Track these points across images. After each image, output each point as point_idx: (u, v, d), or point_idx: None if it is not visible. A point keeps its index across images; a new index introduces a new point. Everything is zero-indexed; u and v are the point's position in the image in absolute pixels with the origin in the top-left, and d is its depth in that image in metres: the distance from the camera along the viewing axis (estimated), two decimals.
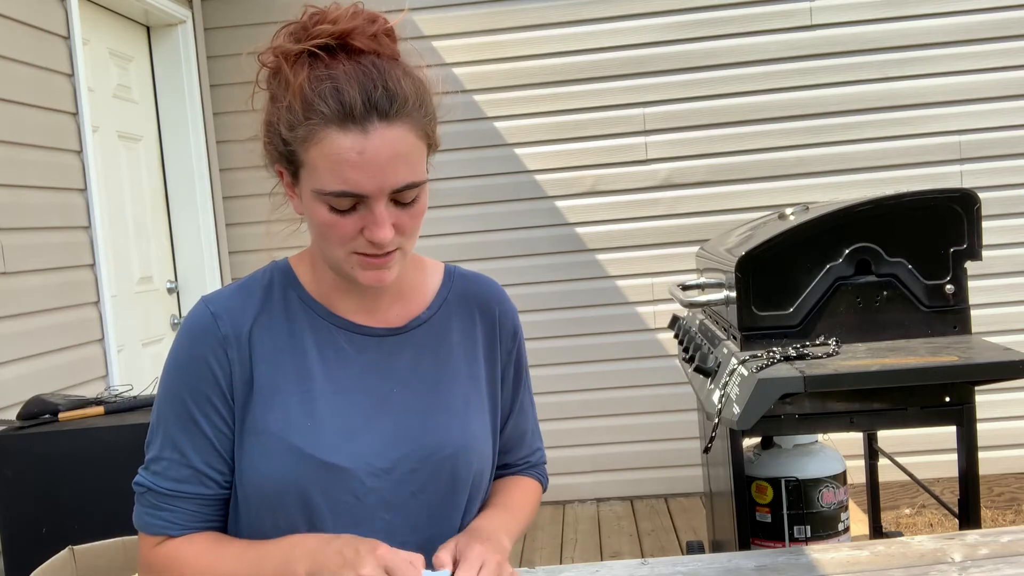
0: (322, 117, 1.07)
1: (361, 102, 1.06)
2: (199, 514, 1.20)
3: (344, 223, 1.10)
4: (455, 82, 4.22)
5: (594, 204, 4.26)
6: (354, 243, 1.12)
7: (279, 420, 1.17)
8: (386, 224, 1.10)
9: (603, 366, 4.30)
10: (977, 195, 2.03)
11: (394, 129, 1.08)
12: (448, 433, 1.23)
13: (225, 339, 1.18)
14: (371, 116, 1.07)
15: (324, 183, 1.08)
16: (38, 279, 2.87)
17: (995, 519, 4.02)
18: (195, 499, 1.19)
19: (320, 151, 1.07)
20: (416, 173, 1.11)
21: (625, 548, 3.78)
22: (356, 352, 1.22)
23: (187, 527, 1.20)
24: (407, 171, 1.09)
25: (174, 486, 1.19)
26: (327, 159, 1.07)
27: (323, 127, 1.07)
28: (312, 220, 1.13)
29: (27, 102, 2.88)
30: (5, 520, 2.35)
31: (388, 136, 1.07)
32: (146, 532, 1.21)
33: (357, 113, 1.06)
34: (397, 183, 1.09)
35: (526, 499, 1.39)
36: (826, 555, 1.43)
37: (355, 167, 1.07)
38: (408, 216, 1.13)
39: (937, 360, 1.79)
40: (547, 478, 1.48)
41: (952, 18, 4.08)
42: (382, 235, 1.10)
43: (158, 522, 1.19)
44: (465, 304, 1.31)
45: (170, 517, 1.19)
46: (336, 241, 1.12)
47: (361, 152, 1.06)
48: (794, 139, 4.17)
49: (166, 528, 1.19)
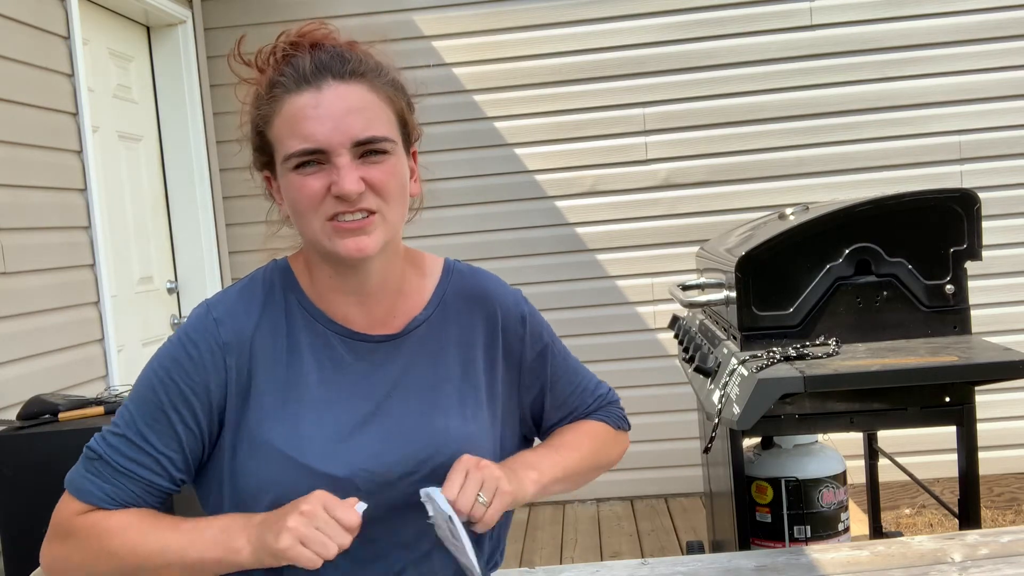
0: (282, 88, 1.13)
1: (314, 64, 1.12)
2: (141, 500, 1.17)
3: (311, 183, 1.12)
4: (455, 82, 4.22)
5: (594, 204, 4.26)
6: (324, 206, 1.12)
7: (274, 429, 1.17)
8: (350, 175, 1.11)
9: (603, 366, 4.27)
10: (977, 195, 2.03)
11: (348, 85, 1.12)
12: (445, 437, 1.22)
13: (226, 346, 1.17)
14: (324, 75, 1.12)
15: (288, 147, 1.12)
16: (38, 279, 2.87)
17: (995, 519, 4.02)
18: (143, 483, 1.17)
19: (282, 119, 1.12)
20: (377, 128, 1.13)
21: (625, 548, 3.78)
22: (352, 358, 1.22)
23: (123, 505, 1.17)
24: (365, 124, 1.12)
25: (128, 465, 1.16)
26: (287, 122, 1.12)
27: (283, 96, 1.12)
28: (288, 201, 1.16)
29: (27, 102, 2.88)
30: (5, 520, 2.35)
31: (341, 91, 1.12)
32: (79, 497, 1.17)
33: (309, 73, 1.12)
34: (356, 134, 1.11)
35: (581, 437, 1.37)
36: (826, 555, 1.43)
37: (311, 120, 1.10)
38: (379, 172, 1.13)
39: (937, 360, 1.79)
40: (623, 418, 1.46)
41: (952, 18, 4.08)
42: (346, 186, 1.10)
43: (97, 491, 1.16)
44: (462, 302, 1.30)
45: (111, 492, 1.16)
46: (308, 206, 1.13)
47: (316, 106, 1.10)
48: (794, 139, 4.17)
49: (102, 501, 1.16)
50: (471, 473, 1.13)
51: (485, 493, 1.12)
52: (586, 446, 1.36)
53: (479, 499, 1.11)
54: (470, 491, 1.11)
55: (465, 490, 1.11)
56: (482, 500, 1.12)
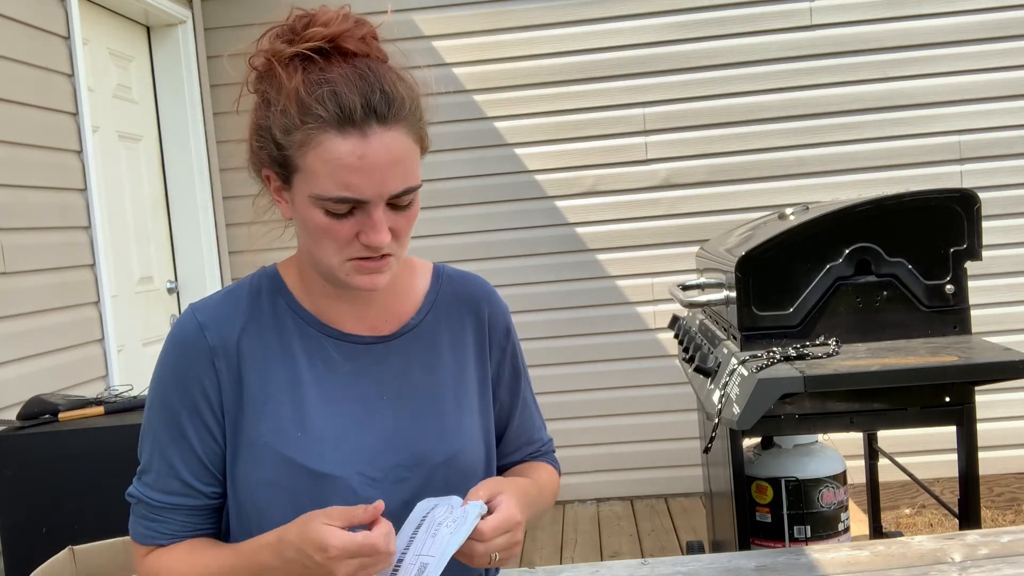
0: (320, 121, 1.06)
1: (360, 106, 1.06)
2: (188, 524, 1.20)
3: (340, 228, 1.10)
4: (455, 82, 4.22)
5: (594, 204, 4.26)
6: (350, 248, 1.11)
7: (269, 430, 1.16)
8: (383, 228, 1.09)
9: (603, 366, 4.30)
10: (977, 195, 2.03)
11: (391, 133, 1.07)
12: (440, 439, 1.22)
13: (212, 350, 1.17)
14: (370, 120, 1.06)
15: (323, 188, 1.07)
16: (38, 279, 2.87)
17: (995, 519, 4.02)
18: (182, 510, 1.19)
19: (318, 155, 1.06)
20: (413, 177, 1.11)
21: (625, 548, 3.78)
22: (345, 360, 1.21)
23: (176, 537, 1.20)
24: (405, 176, 1.09)
25: (163, 498, 1.19)
26: (326, 164, 1.06)
27: (321, 131, 1.06)
28: (306, 225, 1.12)
29: (27, 102, 2.88)
30: (5, 520, 2.35)
31: (386, 140, 1.07)
32: (137, 542, 1.21)
33: (357, 117, 1.05)
34: (396, 188, 1.09)
35: (550, 480, 1.37)
36: (826, 555, 1.43)
37: (355, 172, 1.06)
38: (404, 220, 1.13)
39: (937, 360, 1.79)
40: (559, 465, 1.46)
41: (952, 18, 4.08)
42: (379, 239, 1.09)
43: (149, 532, 1.20)
44: (454, 305, 1.30)
45: (159, 528, 1.19)
46: (332, 246, 1.11)
47: (362, 157, 1.06)
48: (794, 139, 4.17)
49: (156, 539, 1.20)
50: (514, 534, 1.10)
51: (502, 553, 1.10)
52: (551, 492, 1.37)
53: (494, 556, 1.10)
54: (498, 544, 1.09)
55: (495, 543, 1.08)
56: (495, 558, 1.10)
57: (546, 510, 1.35)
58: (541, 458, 1.42)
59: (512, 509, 1.11)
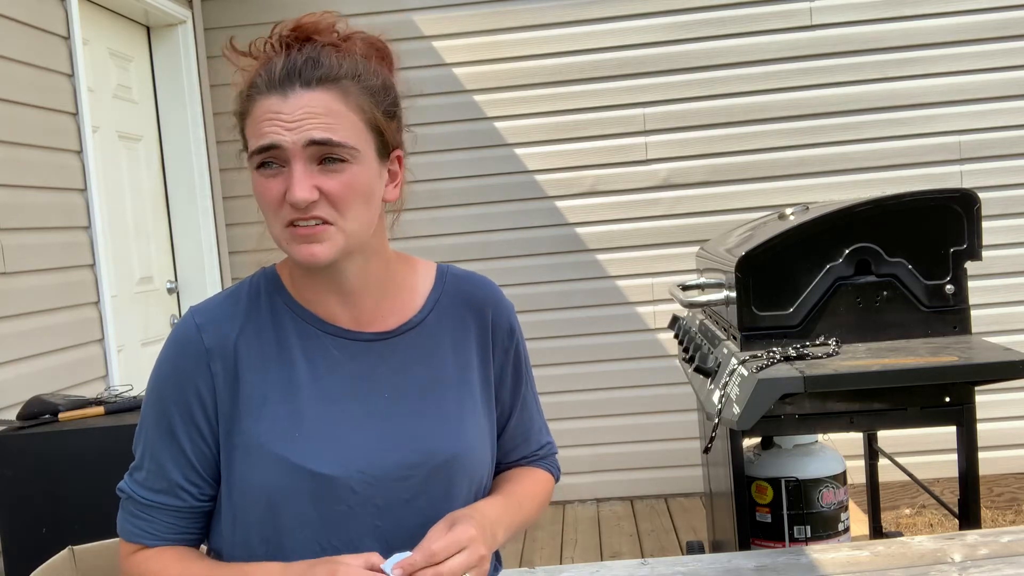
0: (256, 88, 1.13)
1: (285, 69, 1.12)
2: (174, 525, 1.21)
3: (270, 187, 1.12)
4: (455, 82, 4.22)
5: (594, 204, 4.26)
6: (282, 211, 1.12)
7: (267, 431, 1.16)
8: (302, 181, 1.10)
9: (603, 366, 4.30)
10: (977, 195, 2.03)
11: (314, 93, 1.11)
12: (442, 439, 1.21)
13: (209, 352, 1.17)
14: (292, 82, 1.12)
15: (250, 145, 1.13)
16: (38, 279, 2.87)
17: (995, 519, 4.02)
18: (169, 510, 1.20)
19: (252, 119, 1.13)
20: (336, 133, 1.11)
21: (625, 548, 3.78)
22: (346, 358, 1.21)
23: (161, 538, 1.20)
24: (322, 128, 1.11)
25: (151, 496, 1.19)
26: (254, 123, 1.13)
27: (255, 96, 1.13)
28: (256, 200, 1.16)
29: (27, 102, 2.88)
30: (5, 520, 2.35)
31: (306, 98, 1.11)
32: (124, 538, 1.22)
33: (279, 78, 1.12)
34: (313, 135, 1.10)
35: (536, 488, 1.36)
36: (826, 555, 1.43)
37: (271, 122, 1.11)
38: (335, 183, 1.11)
39: (937, 360, 1.80)
40: (559, 469, 1.45)
41: (952, 18, 4.08)
42: (297, 192, 1.09)
43: (135, 530, 1.20)
44: (458, 305, 1.29)
45: (145, 526, 1.20)
46: (269, 212, 1.14)
47: (278, 111, 1.11)
48: (794, 139, 4.17)
49: (141, 537, 1.20)
50: (473, 550, 1.10)
51: (471, 573, 1.10)
52: (537, 499, 1.36)
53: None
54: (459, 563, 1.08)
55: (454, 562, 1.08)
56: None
57: (528, 521, 1.34)
58: (538, 462, 1.41)
59: (466, 527, 1.11)
